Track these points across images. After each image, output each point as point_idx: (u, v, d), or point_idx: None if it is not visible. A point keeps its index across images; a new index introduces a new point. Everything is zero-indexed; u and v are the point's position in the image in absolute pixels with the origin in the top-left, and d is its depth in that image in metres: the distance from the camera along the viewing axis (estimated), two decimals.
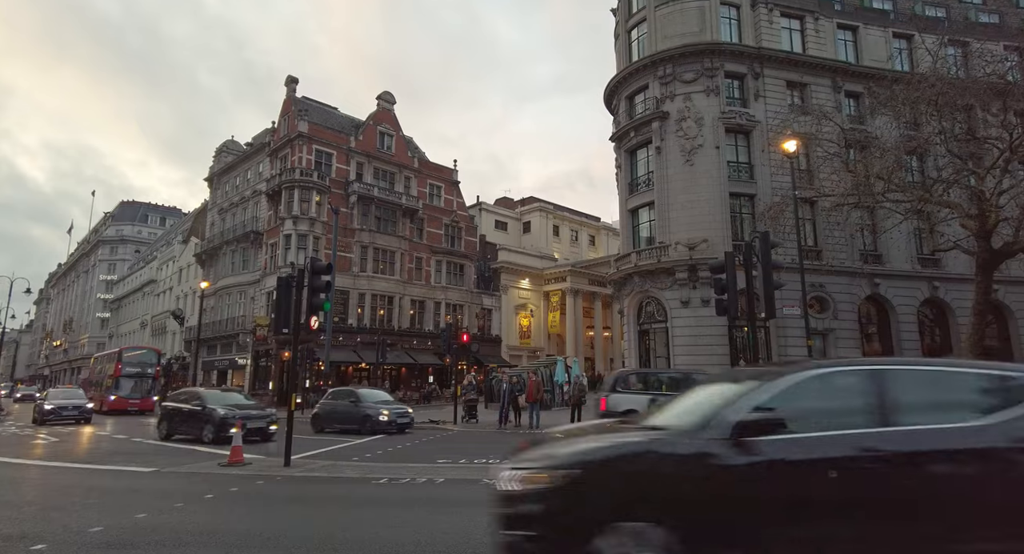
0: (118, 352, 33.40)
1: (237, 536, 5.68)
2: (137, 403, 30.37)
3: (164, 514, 6.58)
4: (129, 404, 30.09)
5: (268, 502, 7.65)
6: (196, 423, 14.74)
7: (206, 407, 14.53)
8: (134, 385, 31.36)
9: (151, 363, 32.92)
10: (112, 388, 30.59)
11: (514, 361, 42.44)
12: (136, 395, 30.88)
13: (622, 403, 13.11)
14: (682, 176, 25.73)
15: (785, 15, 27.87)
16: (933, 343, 27.30)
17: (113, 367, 31.66)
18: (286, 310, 10.65)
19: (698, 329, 24.25)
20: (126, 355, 32.62)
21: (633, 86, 28.50)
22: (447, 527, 5.91)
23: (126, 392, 30.42)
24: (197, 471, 10.05)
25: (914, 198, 20.19)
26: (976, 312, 19.51)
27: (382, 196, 38.02)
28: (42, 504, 7.20)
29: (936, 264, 26.76)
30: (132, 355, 33.12)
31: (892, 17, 29.14)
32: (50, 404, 22.46)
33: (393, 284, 37.80)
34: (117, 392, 30.32)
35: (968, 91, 18.66)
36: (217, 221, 43.68)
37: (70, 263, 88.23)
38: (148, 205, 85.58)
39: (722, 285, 10.01)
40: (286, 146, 36.90)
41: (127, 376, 31.17)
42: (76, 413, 22.47)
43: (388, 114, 41.02)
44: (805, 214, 24.95)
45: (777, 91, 26.78)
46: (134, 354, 33.45)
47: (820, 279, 24.79)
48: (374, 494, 7.90)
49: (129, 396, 30.37)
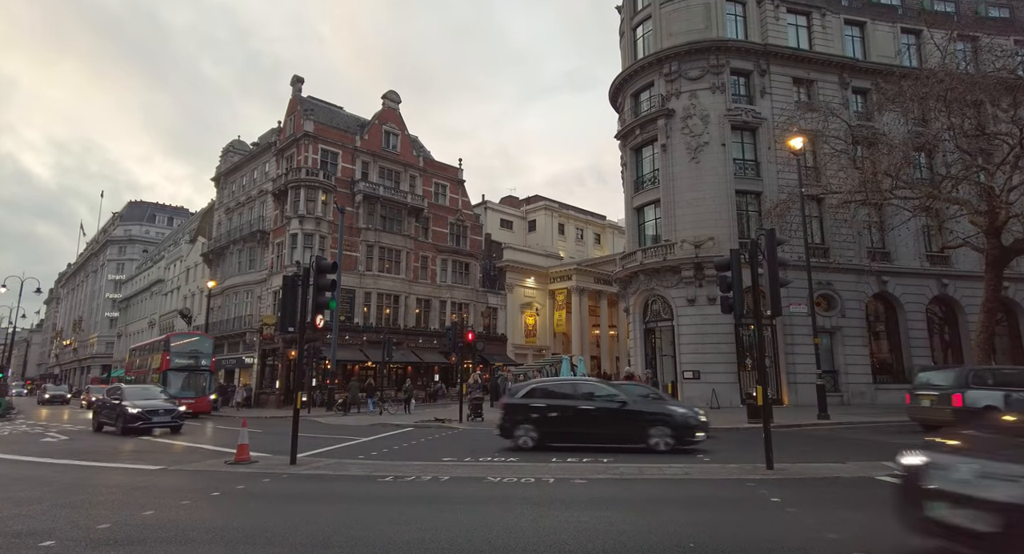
0: (164, 340, 28.22)
1: (243, 533, 5.70)
2: (191, 403, 24.22)
3: (171, 511, 6.62)
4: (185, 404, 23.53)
5: (274, 500, 7.68)
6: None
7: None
8: (186, 380, 26.25)
9: (205, 353, 27.65)
10: (163, 384, 25.13)
11: (519, 360, 42.44)
12: (190, 393, 25.54)
13: (982, 399, 13.31)
14: (688, 174, 25.63)
15: (791, 11, 27.70)
16: (943, 341, 27.10)
17: (159, 359, 26.88)
18: (292, 309, 10.68)
19: (704, 327, 24.16)
20: (174, 344, 27.07)
21: (638, 84, 28.41)
22: (452, 524, 5.92)
23: (176, 389, 24.75)
24: (203, 469, 10.12)
25: (922, 195, 20.05)
26: (986, 310, 19.34)
27: (387, 195, 38.09)
28: (51, 501, 7.27)
29: (945, 261, 26.53)
30: (182, 343, 27.52)
31: (900, 12, 28.89)
32: (135, 406, 17.28)
33: (399, 283, 37.88)
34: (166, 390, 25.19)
35: (978, 86, 18.49)
36: (224, 221, 43.91)
37: (79, 263, 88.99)
38: (156, 205, 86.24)
39: (728, 283, 9.94)
40: (292, 146, 37.04)
41: (177, 369, 26.11)
42: (169, 419, 17.50)
43: (393, 113, 41.07)
44: (812, 211, 24.81)
45: (783, 88, 26.62)
46: (184, 342, 27.87)
47: (827, 277, 24.65)
48: (379, 492, 7.92)
49: (181, 394, 23.90)
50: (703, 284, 24.28)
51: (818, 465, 9.46)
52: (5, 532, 5.67)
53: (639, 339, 27.29)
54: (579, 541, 5.21)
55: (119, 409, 17.41)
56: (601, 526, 5.76)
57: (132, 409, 17.06)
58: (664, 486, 8.16)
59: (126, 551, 5.05)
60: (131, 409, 17.05)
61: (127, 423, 16.84)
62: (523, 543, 5.18)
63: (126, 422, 16.87)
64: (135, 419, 16.87)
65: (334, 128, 38.20)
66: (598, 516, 6.21)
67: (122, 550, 5.08)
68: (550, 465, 9.93)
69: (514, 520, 6.08)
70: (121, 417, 17.14)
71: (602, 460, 10.51)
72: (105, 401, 18.94)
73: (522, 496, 7.41)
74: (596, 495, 7.42)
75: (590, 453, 11.36)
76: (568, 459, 10.73)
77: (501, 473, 9.04)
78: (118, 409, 17.46)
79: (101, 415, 18.72)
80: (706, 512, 6.55)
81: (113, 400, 18.25)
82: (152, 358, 28.57)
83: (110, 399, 18.65)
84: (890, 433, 14.87)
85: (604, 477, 8.69)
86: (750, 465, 9.31)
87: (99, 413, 18.93)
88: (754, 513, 6.41)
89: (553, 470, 9.33)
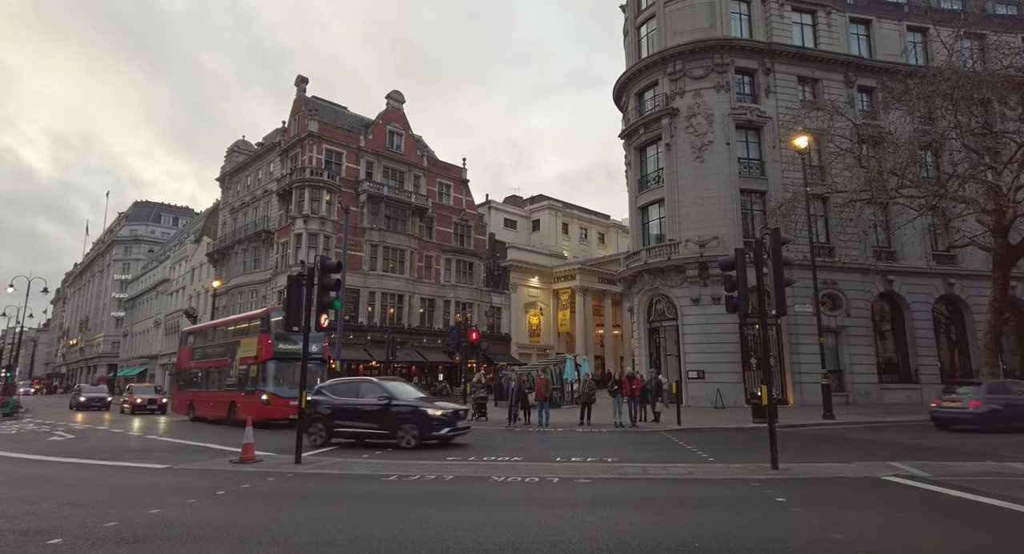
0: (262, 316, 20.32)
1: (248, 532, 5.73)
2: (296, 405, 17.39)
3: (177, 510, 6.65)
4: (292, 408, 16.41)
5: (279, 498, 7.71)
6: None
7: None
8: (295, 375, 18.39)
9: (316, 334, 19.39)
10: (258, 381, 18.75)
11: (523, 359, 42.44)
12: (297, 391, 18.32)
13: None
14: (692, 173, 25.57)
15: (796, 10, 27.59)
16: (949, 340, 26.96)
17: (253, 345, 19.55)
18: (296, 308, 10.71)
19: (708, 327, 24.11)
20: (276, 319, 18.99)
21: (643, 83, 28.36)
22: (456, 524, 5.92)
23: (286, 389, 18.21)
24: (209, 468, 10.16)
25: (929, 194, 19.95)
26: (992, 309, 19.24)
27: (392, 195, 38.16)
28: (58, 499, 7.31)
29: (951, 260, 26.38)
30: None
31: (906, 10, 28.72)
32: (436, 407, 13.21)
33: (403, 282, 37.95)
34: (267, 387, 18.52)
35: (985, 84, 18.39)
36: (229, 220, 44.09)
37: (85, 263, 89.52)
38: (161, 205, 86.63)
39: (732, 282, 9.91)
40: (296, 146, 37.16)
41: (285, 358, 18.74)
42: (466, 424, 13.81)
43: (397, 113, 41.15)
44: (817, 210, 24.72)
45: (788, 87, 26.52)
46: None
47: (832, 276, 24.55)
48: (383, 491, 7.94)
49: (292, 394, 16.91)
50: (707, 283, 24.22)
51: (823, 465, 9.43)
52: (13, 530, 5.71)
53: (643, 339, 27.25)
54: (583, 541, 5.20)
55: (403, 411, 12.89)
56: (605, 526, 5.76)
57: (434, 411, 12.87)
58: (668, 486, 8.15)
59: (132, 549, 5.08)
60: (432, 411, 12.86)
61: (427, 431, 12.60)
62: (527, 543, 5.18)
63: (425, 429, 12.61)
64: (439, 424, 12.62)
65: (338, 128, 38.30)
66: (602, 516, 6.21)
67: (128, 548, 5.11)
68: (554, 465, 9.93)
69: (518, 519, 6.09)
70: (410, 422, 12.71)
71: (607, 459, 10.51)
72: (329, 401, 13.62)
73: (526, 495, 7.41)
74: (600, 495, 7.41)
75: (595, 453, 11.36)
76: (572, 458, 10.73)
77: (505, 472, 9.04)
78: (397, 411, 12.91)
79: (335, 418, 13.42)
80: (711, 512, 6.53)
81: (372, 399, 13.25)
82: (239, 344, 20.54)
83: (366, 398, 13.42)
84: (896, 433, 14.81)
85: (608, 477, 8.68)
86: (755, 465, 9.29)
87: (329, 416, 13.46)
88: (759, 513, 6.40)
89: (557, 470, 9.33)
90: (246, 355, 19.87)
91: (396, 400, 12.99)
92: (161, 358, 54.59)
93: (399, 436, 12.62)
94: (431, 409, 12.90)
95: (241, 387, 19.62)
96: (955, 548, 5.17)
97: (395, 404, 12.91)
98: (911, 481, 8.00)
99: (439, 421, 12.64)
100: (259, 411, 17.71)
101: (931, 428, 15.42)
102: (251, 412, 16.55)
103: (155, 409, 28.69)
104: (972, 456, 10.13)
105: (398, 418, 12.75)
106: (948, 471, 8.61)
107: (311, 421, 13.01)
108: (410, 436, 12.52)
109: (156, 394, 30.17)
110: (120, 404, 31.52)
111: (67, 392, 74.33)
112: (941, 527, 5.83)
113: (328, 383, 15.06)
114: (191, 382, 23.85)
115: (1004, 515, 6.26)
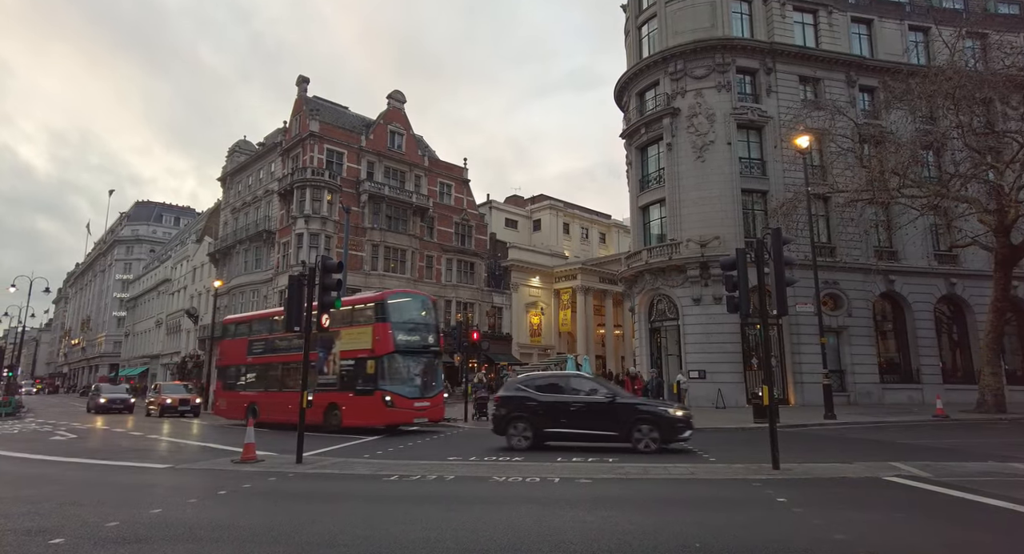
0: (377, 301, 17.23)
1: (249, 531, 5.73)
2: (427, 407, 16.58)
3: (179, 510, 6.67)
4: (417, 410, 15.88)
5: (280, 498, 7.72)
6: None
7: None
8: (424, 372, 17.09)
9: (431, 324, 18.12)
10: (377, 379, 15.92)
11: (525, 359, 42.43)
12: (427, 392, 16.94)
13: None
14: (693, 173, 25.55)
15: (798, 9, 27.56)
16: (951, 340, 26.92)
17: (369, 337, 16.46)
18: (298, 308, 10.72)
19: (710, 327, 24.09)
20: (392, 302, 17.00)
21: (644, 83, 28.34)
22: (457, 524, 5.93)
23: (408, 389, 16.30)
24: (210, 468, 10.17)
25: (930, 193, 19.92)
26: (994, 309, 19.21)
27: (393, 195, 38.17)
28: (60, 499, 7.32)
29: (953, 260, 26.34)
30: (402, 303, 17.64)
31: (908, 10, 28.68)
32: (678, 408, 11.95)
33: (404, 282, 37.93)
34: (388, 387, 15.85)
35: (987, 84, 18.36)
36: (230, 220, 44.13)
37: (87, 262, 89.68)
38: (162, 205, 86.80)
39: (734, 282, 9.90)
40: (297, 146, 37.18)
41: (410, 352, 16.62)
42: None
43: (399, 113, 41.16)
44: (818, 210, 24.70)
45: (790, 86, 26.49)
46: (404, 302, 17.97)
47: (834, 276, 24.53)
48: (385, 491, 7.94)
49: (420, 394, 16.59)
50: (709, 283, 24.20)
51: (825, 465, 9.41)
52: (15, 530, 5.72)
53: (644, 339, 27.23)
54: (584, 541, 5.20)
55: (640, 411, 11.56)
56: (606, 526, 5.76)
57: (676, 412, 11.58)
58: (669, 486, 8.14)
59: (134, 549, 5.08)
60: (675, 412, 11.56)
61: (671, 434, 11.33)
62: (528, 543, 5.18)
63: (669, 432, 11.30)
64: (683, 427, 11.41)
65: (339, 128, 38.31)
66: (603, 516, 6.20)
67: (130, 548, 5.12)
68: (555, 465, 9.93)
69: (519, 520, 6.08)
70: (648, 423, 11.32)
71: (607, 460, 10.50)
72: (534, 398, 12.16)
73: (527, 496, 7.41)
74: (601, 495, 7.41)
75: (595, 453, 11.35)
76: (573, 459, 10.72)
77: (506, 472, 9.04)
78: (630, 410, 11.54)
79: (546, 417, 11.90)
80: (711, 512, 6.53)
81: (587, 396, 11.88)
82: (338, 334, 17.20)
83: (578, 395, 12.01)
84: (898, 433, 14.79)
85: (609, 477, 8.67)
86: (756, 465, 9.28)
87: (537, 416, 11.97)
88: (760, 513, 6.39)
89: (558, 470, 9.32)
90: (352, 348, 16.86)
91: (621, 397, 11.76)
92: (162, 358, 54.66)
93: (635, 439, 11.11)
94: (672, 409, 11.61)
95: (348, 386, 16.65)
96: (957, 549, 5.16)
97: (623, 402, 11.62)
98: (913, 481, 7.98)
99: (683, 423, 11.27)
100: (378, 414, 15.71)
101: (933, 428, 15.40)
102: (365, 416, 15.46)
103: (187, 411, 25.81)
104: (974, 456, 10.10)
105: (632, 418, 11.26)
106: (949, 471, 8.59)
107: (510, 420, 11.90)
108: (649, 439, 11.09)
109: (188, 393, 27.42)
110: (145, 406, 28.63)
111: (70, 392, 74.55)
112: (942, 528, 5.82)
113: (520, 378, 13.54)
114: (249, 381, 20.57)
115: (1006, 515, 6.24)
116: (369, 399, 16.08)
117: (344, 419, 16.54)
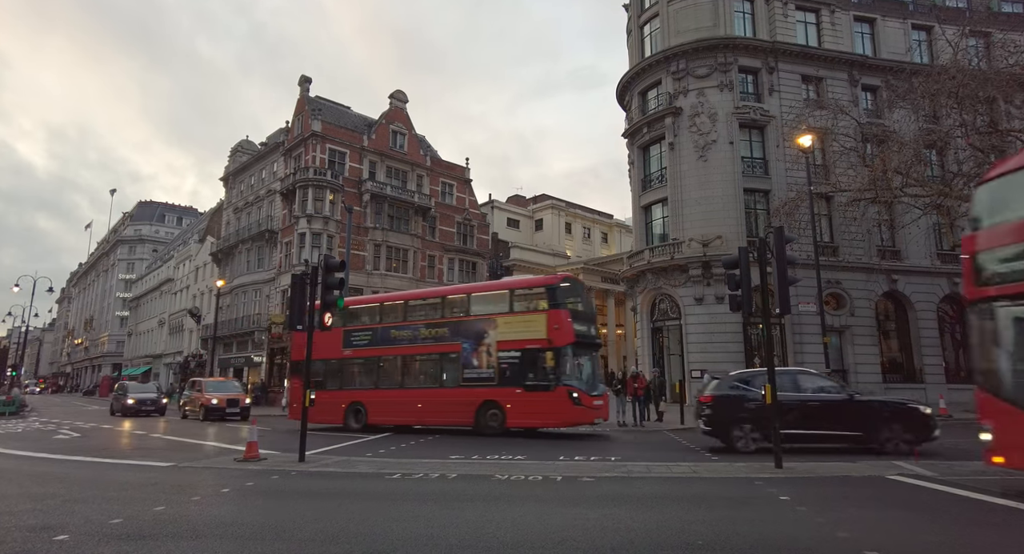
0: (547, 284, 15.61)
1: (252, 529, 5.75)
2: (600, 407, 14.83)
3: (182, 507, 6.69)
4: (596, 409, 14.51)
5: (283, 496, 7.74)
6: None
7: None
8: (593, 366, 15.94)
9: (594, 314, 17.65)
10: (559, 373, 14.17)
11: None
12: (598, 389, 15.36)
13: None
14: (696, 172, 25.52)
15: (800, 8, 27.50)
16: (954, 340, 26.84)
17: (543, 325, 14.67)
18: (300, 307, 10.74)
19: (712, 326, 24.06)
20: (563, 286, 15.57)
21: (646, 82, 28.31)
22: (460, 522, 5.93)
23: (593, 384, 15.18)
24: (213, 466, 10.20)
25: (933, 193, 19.88)
26: None
27: (395, 195, 38.20)
28: (64, 496, 7.35)
29: (956, 260, 26.24)
30: (573, 290, 16.09)
31: (911, 8, 28.60)
32: None
33: (406, 282, 37.95)
34: (572, 382, 14.26)
35: (990, 83, 18.29)
36: (232, 220, 44.21)
37: (90, 262, 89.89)
38: (165, 205, 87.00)
39: (736, 281, 9.89)
40: (300, 145, 37.23)
41: (582, 343, 15.09)
42: None
43: (401, 113, 41.19)
44: (821, 210, 24.64)
45: (792, 85, 26.44)
46: (576, 289, 16.39)
47: (836, 275, 24.48)
48: (387, 489, 7.95)
49: (596, 391, 15.08)
50: (711, 283, 24.17)
51: (828, 464, 9.40)
52: (20, 526, 5.74)
53: (647, 338, 27.21)
54: (587, 539, 5.20)
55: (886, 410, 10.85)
56: (609, 524, 5.76)
57: (926, 409, 10.80)
58: (672, 484, 8.14)
59: (138, 545, 5.10)
60: (925, 409, 10.78)
61: (924, 433, 10.59)
62: (531, 541, 5.18)
63: (923, 431, 10.56)
64: (935, 425, 10.64)
65: (341, 128, 38.36)
66: (606, 514, 6.21)
67: (134, 544, 5.13)
68: (557, 463, 9.93)
69: (522, 517, 6.09)
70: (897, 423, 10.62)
71: (610, 458, 10.50)
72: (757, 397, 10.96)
73: (530, 494, 7.41)
74: (604, 493, 7.41)
75: (596, 453, 11.34)
76: (576, 457, 10.72)
77: (508, 471, 9.05)
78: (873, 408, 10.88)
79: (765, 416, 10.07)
80: (714, 510, 6.52)
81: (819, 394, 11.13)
82: (492, 322, 15.50)
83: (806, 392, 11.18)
84: None
85: (612, 475, 8.67)
86: (758, 464, 9.27)
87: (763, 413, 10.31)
88: (763, 511, 6.39)
89: (561, 468, 9.33)
90: (516, 338, 14.80)
91: (859, 395, 10.97)
92: (165, 357, 54.79)
93: (883, 440, 10.27)
94: (921, 407, 10.62)
95: (514, 381, 14.62)
96: (960, 548, 5.15)
97: (864, 399, 10.83)
98: (916, 480, 7.97)
99: (934, 422, 10.44)
100: (559, 413, 13.95)
101: None
102: (541, 415, 13.88)
103: (234, 414, 22.35)
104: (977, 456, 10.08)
105: (877, 418, 10.52)
106: (953, 470, 8.58)
107: (734, 422, 11.06)
108: (900, 440, 10.19)
109: (239, 392, 24.00)
110: (181, 407, 25.09)
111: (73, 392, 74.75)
112: (946, 526, 5.80)
113: (734, 375, 12.47)
114: (351, 377, 17.98)
115: (1009, 514, 6.23)
116: (548, 396, 14.03)
117: (509, 419, 14.55)
